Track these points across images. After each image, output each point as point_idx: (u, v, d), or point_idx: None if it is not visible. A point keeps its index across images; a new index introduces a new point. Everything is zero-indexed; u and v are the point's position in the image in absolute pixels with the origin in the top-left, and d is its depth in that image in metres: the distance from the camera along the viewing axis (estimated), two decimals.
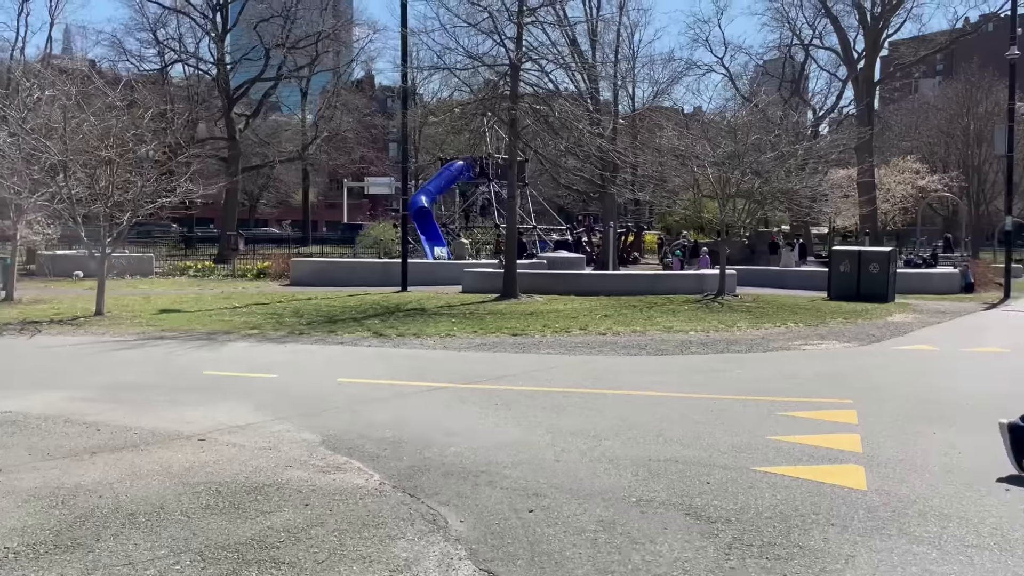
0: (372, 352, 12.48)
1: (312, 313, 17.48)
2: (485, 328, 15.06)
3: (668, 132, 24.67)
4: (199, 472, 6.20)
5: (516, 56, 21.17)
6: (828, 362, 11.82)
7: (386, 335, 14.14)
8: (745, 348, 13.05)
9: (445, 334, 14.31)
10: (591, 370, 10.85)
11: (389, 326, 15.24)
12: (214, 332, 14.44)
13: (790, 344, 13.60)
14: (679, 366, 11.27)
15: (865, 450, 6.67)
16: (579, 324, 15.77)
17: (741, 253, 34.58)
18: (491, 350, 12.73)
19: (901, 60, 52.35)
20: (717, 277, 23.03)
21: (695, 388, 9.51)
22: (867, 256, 23.22)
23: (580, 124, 21.97)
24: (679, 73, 53.05)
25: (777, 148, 23.74)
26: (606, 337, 14.24)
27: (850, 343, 13.89)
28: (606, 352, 12.52)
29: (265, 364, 11.22)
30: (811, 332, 15.33)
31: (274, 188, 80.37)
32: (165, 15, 40.91)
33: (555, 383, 9.88)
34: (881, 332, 15.35)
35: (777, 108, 30.69)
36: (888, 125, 60.94)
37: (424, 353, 12.44)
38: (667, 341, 13.73)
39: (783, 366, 11.31)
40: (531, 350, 12.75)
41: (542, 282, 24.24)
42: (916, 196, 50.88)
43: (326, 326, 15.28)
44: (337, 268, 28.83)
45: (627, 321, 16.41)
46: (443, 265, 28.61)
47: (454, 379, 10.11)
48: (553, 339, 13.93)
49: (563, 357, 12.05)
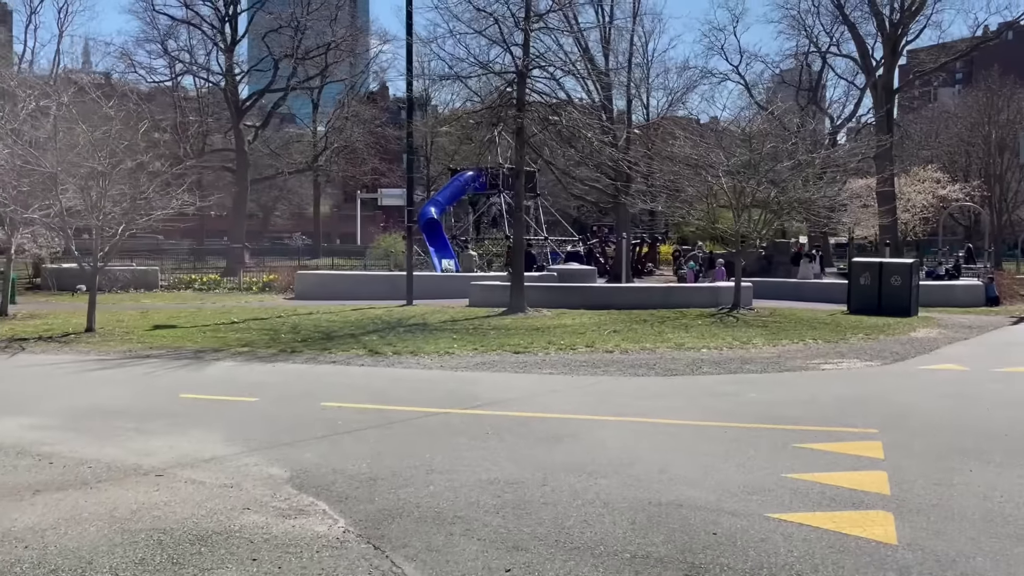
0: (363, 373, 11.83)
1: (310, 329, 16.87)
2: (487, 345, 14.38)
3: (681, 141, 23.90)
4: (146, 517, 5.55)
5: (523, 63, 20.58)
6: (849, 384, 11.04)
7: (382, 353, 13.49)
8: (760, 368, 12.29)
9: (444, 352, 13.65)
10: (594, 393, 10.13)
11: (386, 343, 14.60)
12: (203, 350, 13.85)
13: (808, 363, 12.83)
14: (689, 388, 10.53)
15: (893, 492, 5.92)
16: (586, 341, 15.06)
17: (758, 264, 33.73)
18: (490, 369, 12.04)
19: (921, 68, 51.35)
20: (732, 290, 22.26)
21: (705, 414, 8.78)
22: (888, 268, 22.35)
23: (589, 133, 21.28)
24: (694, 82, 52.40)
25: (794, 156, 23.00)
26: (613, 355, 13.52)
27: (872, 362, 13.09)
28: (612, 372, 11.80)
29: (248, 386, 10.59)
30: (830, 349, 14.53)
31: (288, 200, 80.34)
32: (175, 27, 40.70)
33: (553, 408, 9.17)
34: (905, 349, 14.52)
35: (794, 116, 29.93)
36: (908, 134, 59.84)
37: (419, 374, 11.78)
38: (677, 360, 12.99)
39: (800, 389, 10.54)
40: (532, 370, 12.05)
41: (551, 295, 23.55)
42: (937, 206, 49.85)
43: (321, 343, 14.65)
44: (343, 281, 28.28)
45: (637, 337, 15.69)
46: (450, 278, 27.97)
47: (446, 403, 9.43)
48: (557, 357, 13.23)
49: (565, 378, 11.34)
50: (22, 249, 25.34)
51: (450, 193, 38.74)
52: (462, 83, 22.43)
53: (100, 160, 16.13)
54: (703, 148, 23.65)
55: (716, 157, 22.29)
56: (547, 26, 21.58)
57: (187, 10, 40.33)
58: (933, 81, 68.87)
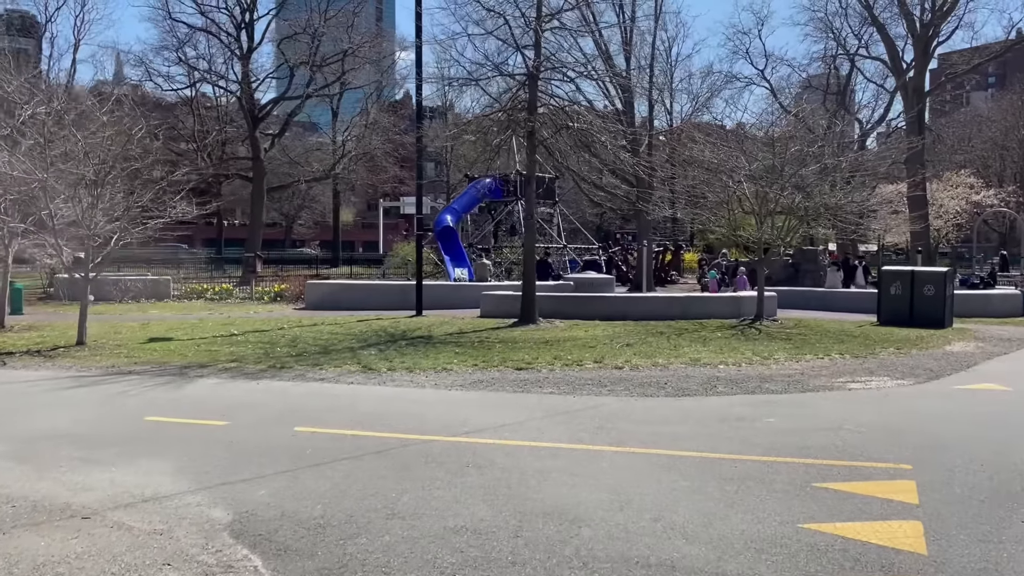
0: (350, 392, 11.02)
1: (308, 342, 16.12)
2: (488, 361, 13.52)
3: (701, 144, 22.93)
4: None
5: (534, 64, 19.77)
6: (879, 407, 10.03)
7: (375, 369, 12.69)
8: (781, 387, 11.32)
9: (442, 368, 12.81)
10: (594, 417, 9.23)
11: (383, 358, 13.80)
12: (189, 365, 13.14)
13: (833, 381, 11.82)
14: (700, 412, 9.59)
15: (931, 551, 4.97)
16: (595, 355, 14.16)
17: (784, 272, 32.54)
18: (486, 388, 11.19)
19: (953, 70, 49.83)
20: (755, 300, 21.24)
21: (715, 444, 7.85)
22: (921, 277, 21.19)
23: (603, 137, 20.38)
24: (718, 87, 51.39)
25: (821, 160, 21.95)
26: (622, 372, 12.61)
27: (904, 380, 12.05)
28: (618, 392, 10.89)
29: (223, 408, 9.82)
30: (858, 365, 13.50)
31: (311, 209, 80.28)
32: (192, 36, 40.44)
33: (546, 436, 8.30)
34: (940, 366, 13.45)
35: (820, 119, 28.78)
36: (940, 138, 58.15)
37: (409, 393, 10.95)
38: (691, 377, 12.04)
39: (824, 412, 9.56)
40: (532, 388, 11.17)
41: (565, 306, 22.66)
42: (970, 212, 48.34)
43: (315, 358, 13.89)
44: (354, 291, 27.58)
45: (650, 351, 14.75)
46: (463, 287, 27.18)
47: (431, 429, 8.59)
48: (561, 374, 12.34)
49: (566, 399, 10.45)
50: (33, 259, 25.05)
51: (466, 201, 38.00)
52: (480, 88, 21.68)
53: (91, 168, 15.55)
54: (724, 152, 22.68)
55: (738, 161, 21.30)
56: (561, 25, 20.76)
57: (203, 18, 40.07)
58: (965, 84, 66.96)
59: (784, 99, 52.21)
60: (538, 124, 19.79)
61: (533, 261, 20.95)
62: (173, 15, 39.80)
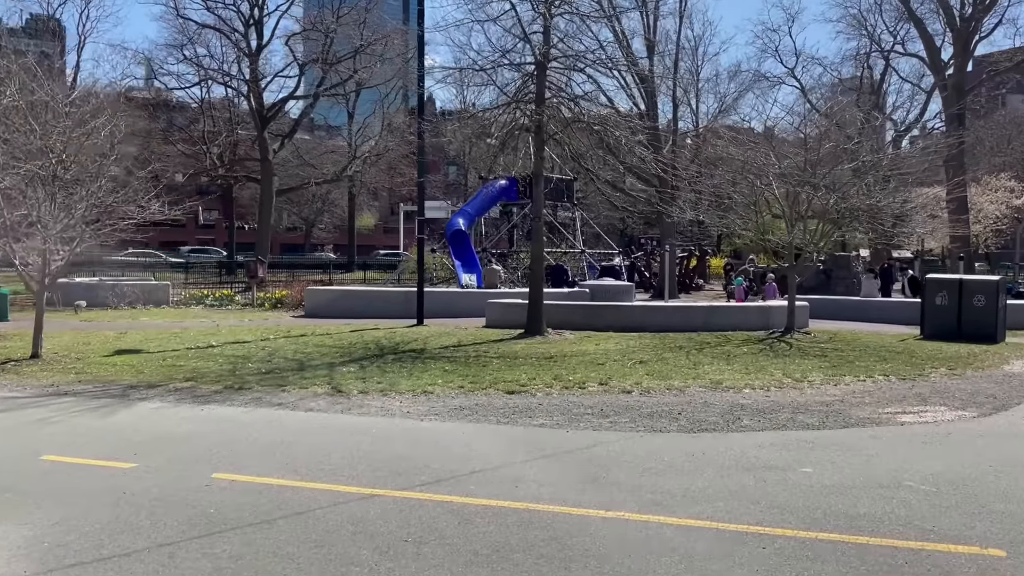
0: (304, 422, 9.37)
1: (287, 356, 14.53)
2: (479, 381, 11.83)
3: (726, 140, 21.10)
4: None
5: (542, 52, 18.08)
6: (942, 451, 8.18)
7: (346, 391, 11.04)
8: (817, 419, 9.49)
9: (422, 390, 11.13)
10: (588, 462, 7.49)
11: (360, 377, 12.15)
12: (138, 385, 11.57)
13: (880, 412, 9.97)
14: (719, 456, 7.80)
15: None
16: (602, 375, 12.41)
17: (815, 279, 30.54)
18: (467, 418, 9.48)
19: (994, 67, 47.41)
20: (785, 310, 19.37)
21: (736, 507, 6.09)
22: (970, 286, 19.15)
23: (618, 132, 18.62)
24: (746, 86, 49.29)
25: (856, 159, 20.03)
26: (631, 397, 10.84)
27: (965, 411, 10.17)
28: (622, 425, 9.14)
29: (143, 442, 8.20)
30: (907, 390, 11.62)
31: (331, 212, 79.10)
32: (201, 34, 39.18)
33: (524, 488, 6.58)
34: (1004, 392, 11.53)
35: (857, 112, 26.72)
36: (979, 139, 55.55)
37: (374, 424, 9.27)
38: (710, 406, 10.25)
39: (875, 458, 7.73)
40: (521, 419, 9.45)
41: (577, 315, 20.90)
42: (1011, 216, 45.96)
43: (284, 376, 12.28)
44: (356, 297, 26.01)
45: (666, 371, 12.97)
46: (471, 295, 25.51)
47: (381, 477, 6.92)
48: (559, 400, 10.61)
49: (558, 434, 8.71)
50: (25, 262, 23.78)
51: (480, 203, 36.38)
52: (486, 76, 20.01)
53: (51, 163, 14.10)
54: (752, 150, 20.82)
55: (767, 159, 19.44)
56: (573, 10, 19.05)
57: (212, 15, 38.83)
58: (1003, 87, 64.11)
59: (815, 99, 50.00)
60: (547, 117, 18.11)
61: (541, 267, 19.24)
62: (181, 12, 38.63)
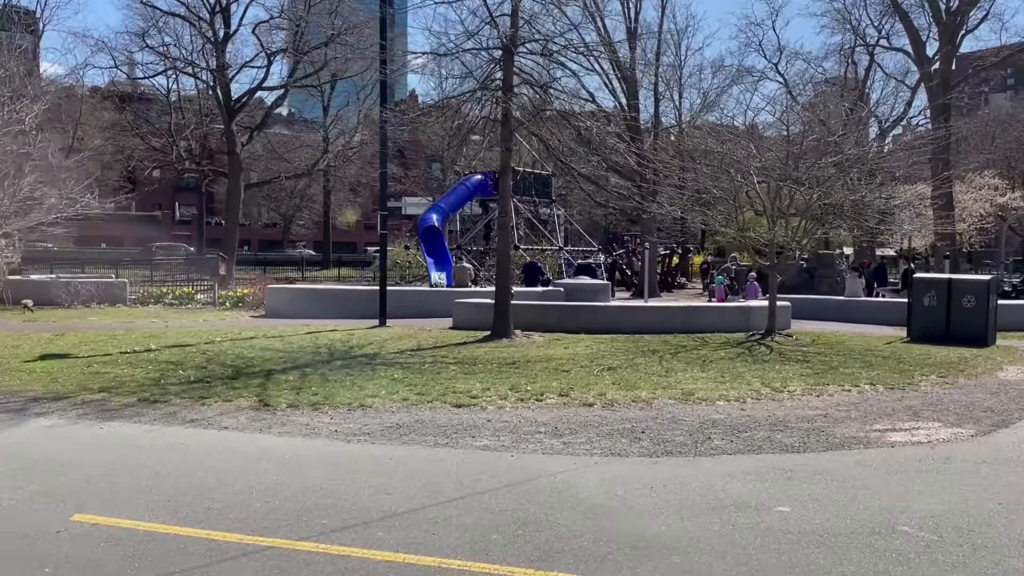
0: (212, 443, 8.19)
1: (225, 362, 13.32)
2: (427, 392, 10.68)
3: (704, 133, 20.04)
4: None
5: (510, 36, 16.93)
6: (941, 481, 7.10)
7: (274, 405, 9.86)
8: (798, 439, 8.42)
9: (360, 403, 9.97)
10: (527, 499, 6.36)
11: (297, 387, 10.98)
12: (43, 397, 10.34)
13: (868, 430, 8.91)
14: (682, 491, 6.68)
15: None
16: (564, 385, 11.29)
17: (798, 278, 29.57)
18: (400, 439, 8.34)
19: (980, 63, 46.68)
20: (766, 311, 18.35)
21: (693, 567, 4.98)
22: (959, 286, 18.18)
23: (589, 122, 17.50)
24: (729, 81, 48.33)
25: (840, 152, 19.00)
26: (592, 411, 9.73)
27: (962, 428, 9.13)
28: (576, 447, 8.02)
29: (9, 472, 7.01)
30: (896, 402, 10.58)
31: (310, 209, 77.62)
32: (164, 21, 37.70)
33: (438, 539, 5.44)
34: (1002, 404, 10.51)
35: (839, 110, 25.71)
36: (964, 136, 54.90)
37: (292, 447, 8.11)
38: (679, 422, 9.15)
39: (863, 496, 6.64)
40: (463, 439, 8.32)
41: (549, 316, 19.80)
42: (995, 215, 45.34)
43: (213, 386, 11.08)
44: (319, 297, 24.77)
45: (634, 379, 11.88)
46: (440, 294, 24.33)
47: (272, 522, 5.76)
48: (511, 415, 9.49)
49: (499, 460, 7.58)
50: None
51: (455, 199, 35.18)
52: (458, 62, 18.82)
53: None
54: (731, 143, 19.76)
55: (746, 152, 18.38)
56: None
57: (177, 2, 37.31)
58: (985, 86, 63.49)
59: (799, 95, 49.08)
60: (514, 106, 16.98)
61: (508, 266, 18.09)
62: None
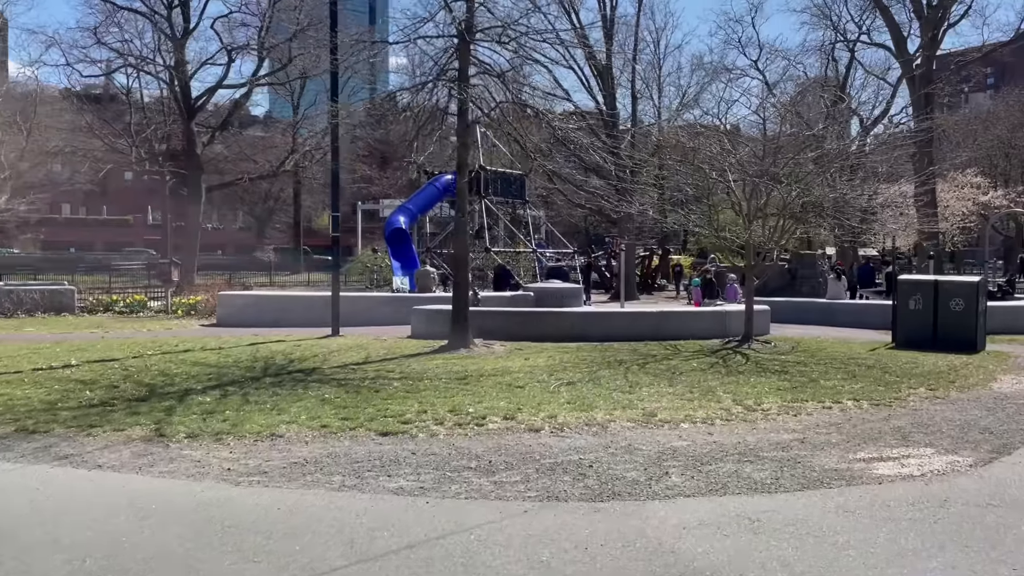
0: (74, 488, 6.83)
1: (143, 381, 11.96)
2: (355, 416, 9.38)
3: (675, 129, 18.90)
4: None
5: (465, 22, 15.67)
6: (942, 536, 5.85)
7: (171, 434, 8.53)
8: (770, 475, 7.20)
9: (272, 432, 8.65)
10: (425, 570, 5.09)
11: (210, 411, 9.65)
12: None
13: (852, 459, 7.71)
14: (621, 552, 5.40)
15: None
16: (513, 405, 10.03)
17: (780, 280, 28.52)
18: (302, 479, 7.04)
19: (963, 58, 45.95)
20: (743, 316, 17.22)
21: None
22: (947, 288, 17.09)
23: (557, 119, 16.26)
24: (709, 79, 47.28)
25: (821, 146, 17.92)
26: (537, 438, 8.48)
27: (958, 454, 7.94)
28: (508, 488, 6.75)
29: None
30: (883, 421, 9.40)
31: (286, 212, 76.00)
32: (119, 16, 36.09)
33: None
34: (1000, 423, 9.33)
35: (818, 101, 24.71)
36: (946, 134, 54.18)
37: (167, 492, 6.78)
38: (635, 452, 7.91)
39: (847, 558, 5.39)
40: (377, 478, 7.03)
41: (514, 323, 18.56)
42: (978, 213, 44.63)
43: (112, 411, 9.73)
44: (274, 304, 23.37)
45: (592, 395, 10.64)
46: (403, 299, 23.00)
47: None
48: (443, 443, 8.21)
49: (411, 508, 6.29)
50: None
51: (424, 199, 33.85)
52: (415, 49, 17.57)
53: None
54: (705, 136, 18.64)
55: (719, 145, 17.23)
56: None
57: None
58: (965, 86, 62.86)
59: (779, 93, 48.08)
60: (470, 96, 15.70)
61: (466, 271, 16.82)
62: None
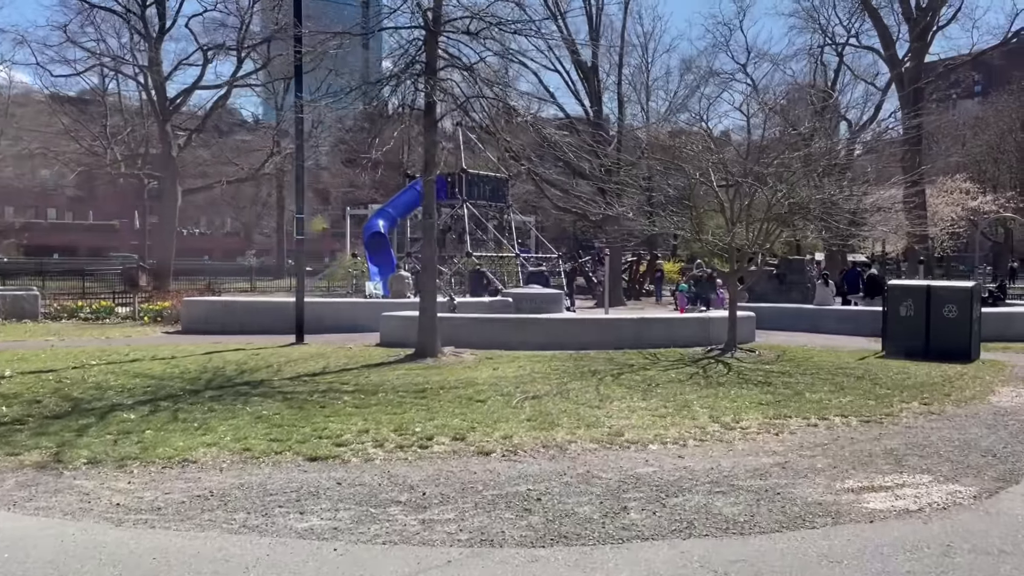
0: None
1: (72, 394, 10.98)
2: (288, 436, 8.43)
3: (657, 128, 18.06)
4: None
5: (433, 15, 14.77)
6: None
7: (68, 460, 7.54)
8: (744, 509, 6.27)
9: (185, 457, 7.68)
10: None
11: (128, 430, 8.68)
12: None
13: (839, 489, 6.80)
14: None
15: None
16: (467, 422, 9.09)
17: (768, 284, 27.68)
18: (196, 519, 6.07)
19: (952, 62, 45.37)
20: (727, 322, 16.35)
21: None
22: (939, 294, 16.24)
23: (523, 112, 15.38)
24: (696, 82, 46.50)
25: (807, 145, 17.08)
26: (486, 463, 7.54)
27: (959, 483, 7.04)
28: (436, 528, 5.81)
29: None
30: (873, 441, 8.50)
31: (272, 216, 74.99)
32: (93, 15, 35.08)
33: None
34: (1004, 443, 8.44)
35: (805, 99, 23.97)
36: (934, 139, 53.58)
37: (31, 536, 5.77)
38: (593, 481, 6.98)
39: None
40: (286, 518, 6.08)
41: (488, 330, 17.64)
42: (967, 218, 44.09)
43: (20, 430, 8.74)
44: (242, 310, 22.28)
45: (558, 412, 9.71)
46: (376, 305, 21.99)
47: None
48: (378, 470, 7.26)
49: (318, 553, 5.34)
50: None
51: (404, 203, 32.98)
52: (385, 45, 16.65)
53: None
54: (687, 135, 17.81)
55: (701, 144, 16.37)
56: None
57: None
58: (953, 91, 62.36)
59: (768, 98, 47.28)
60: (436, 90, 14.77)
61: (433, 277, 15.88)
62: None
